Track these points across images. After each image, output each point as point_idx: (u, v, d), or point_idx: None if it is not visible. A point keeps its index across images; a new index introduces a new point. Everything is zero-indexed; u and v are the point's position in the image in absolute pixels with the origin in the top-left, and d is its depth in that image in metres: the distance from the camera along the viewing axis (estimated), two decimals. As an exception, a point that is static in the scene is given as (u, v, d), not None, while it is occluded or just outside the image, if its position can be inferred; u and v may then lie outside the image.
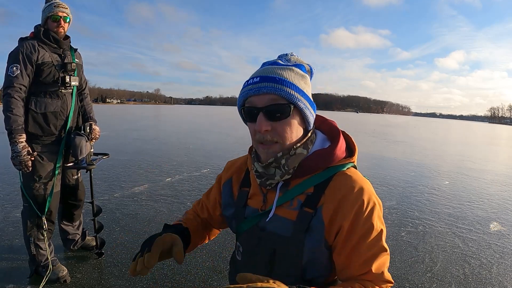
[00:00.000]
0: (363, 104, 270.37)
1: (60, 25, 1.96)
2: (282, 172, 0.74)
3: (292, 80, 0.71)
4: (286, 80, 0.70)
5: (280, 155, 0.73)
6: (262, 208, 0.79)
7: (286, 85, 0.69)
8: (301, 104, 0.71)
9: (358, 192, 0.70)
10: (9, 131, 1.80)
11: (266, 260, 0.76)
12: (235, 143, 9.71)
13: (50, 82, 1.94)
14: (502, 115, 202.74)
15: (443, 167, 7.37)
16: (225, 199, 0.90)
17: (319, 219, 0.71)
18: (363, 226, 0.69)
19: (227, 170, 0.93)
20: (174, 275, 2.21)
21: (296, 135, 0.74)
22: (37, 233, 1.97)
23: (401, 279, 2.31)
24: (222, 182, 0.93)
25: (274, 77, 0.70)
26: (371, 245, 0.69)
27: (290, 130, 0.72)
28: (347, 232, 0.69)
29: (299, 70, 0.75)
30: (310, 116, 0.74)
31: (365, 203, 0.70)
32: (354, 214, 0.69)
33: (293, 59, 0.78)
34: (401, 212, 3.82)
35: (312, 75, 0.80)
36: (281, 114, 0.70)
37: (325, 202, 0.71)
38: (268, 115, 0.70)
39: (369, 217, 0.69)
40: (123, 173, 5.10)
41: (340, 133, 0.81)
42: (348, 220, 0.69)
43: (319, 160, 0.74)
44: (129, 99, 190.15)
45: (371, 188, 0.73)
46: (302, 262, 0.72)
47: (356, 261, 0.69)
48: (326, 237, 0.71)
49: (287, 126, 0.71)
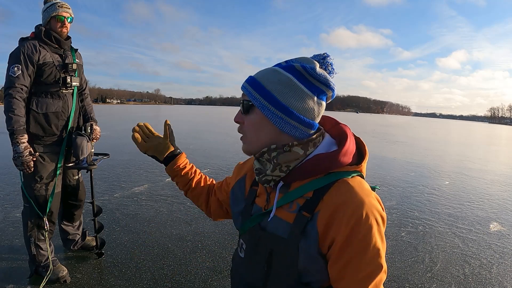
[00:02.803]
0: (363, 104, 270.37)
1: (64, 25, 1.96)
2: (273, 166, 0.74)
3: (261, 80, 0.74)
4: (254, 79, 0.75)
5: (273, 147, 0.74)
6: (265, 207, 0.80)
7: (249, 84, 0.75)
8: (257, 103, 0.73)
9: (356, 205, 0.66)
10: (10, 132, 1.80)
11: (264, 260, 0.76)
12: (235, 143, 9.70)
13: (51, 82, 1.94)
14: (502, 115, 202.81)
15: (443, 167, 7.37)
16: (236, 195, 0.92)
17: (314, 225, 0.70)
18: (359, 242, 0.66)
19: (243, 167, 0.96)
20: (174, 275, 2.21)
21: (264, 133, 0.75)
22: (37, 234, 1.97)
23: (401, 279, 2.31)
24: (237, 176, 0.95)
25: (252, 76, 0.76)
26: (367, 264, 0.66)
27: (252, 125, 0.76)
28: (341, 246, 0.67)
29: (281, 70, 0.73)
30: (275, 117, 0.72)
31: (364, 217, 0.66)
32: (351, 228, 0.66)
33: (296, 60, 0.76)
34: (401, 212, 3.82)
35: (310, 74, 0.73)
36: (244, 109, 0.76)
37: (321, 209, 0.70)
38: (241, 109, 0.77)
39: (367, 233, 0.66)
40: (123, 173, 5.11)
41: (348, 138, 0.77)
42: (343, 233, 0.66)
43: (319, 164, 0.73)
44: (129, 99, 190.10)
45: (374, 201, 0.69)
46: (298, 265, 0.72)
47: (350, 277, 0.67)
48: (319, 245, 0.70)
49: (249, 122, 0.76)
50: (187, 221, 3.23)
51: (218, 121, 23.40)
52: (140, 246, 2.62)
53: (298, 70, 0.73)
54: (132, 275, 2.18)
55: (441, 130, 28.25)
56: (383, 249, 0.68)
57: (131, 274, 2.20)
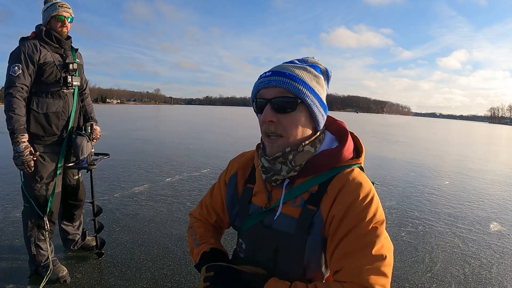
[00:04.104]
0: (363, 104, 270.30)
1: (65, 25, 1.96)
2: (289, 168, 0.75)
3: (303, 77, 0.73)
4: (296, 76, 0.72)
5: (288, 150, 0.74)
6: (267, 205, 0.80)
7: (294, 80, 0.71)
8: (309, 100, 0.72)
9: (354, 187, 0.71)
10: (11, 131, 1.79)
11: (269, 257, 0.76)
12: (235, 143, 9.71)
13: (52, 82, 1.94)
14: (502, 115, 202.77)
15: (443, 167, 7.37)
16: (229, 195, 0.90)
17: (319, 215, 0.72)
18: (356, 216, 0.68)
19: (232, 165, 0.95)
20: (174, 275, 2.21)
21: (302, 131, 0.74)
22: (37, 233, 1.97)
23: (401, 279, 2.31)
24: (226, 177, 0.93)
25: (285, 72, 0.72)
26: (363, 236, 0.67)
27: (295, 124, 0.73)
28: (339, 220, 0.70)
29: (312, 69, 0.76)
30: (319, 115, 0.75)
31: (361, 196, 0.70)
32: (348, 204, 0.69)
33: (310, 60, 0.80)
34: (401, 212, 3.82)
35: (328, 77, 0.80)
36: (287, 107, 0.71)
37: (325, 199, 0.73)
38: (275, 107, 0.72)
39: (363, 209, 0.69)
40: (123, 173, 5.10)
41: (349, 134, 0.82)
42: (341, 209, 0.70)
43: (325, 160, 0.75)
44: (129, 99, 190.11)
45: (372, 188, 0.74)
46: (304, 260, 0.73)
47: (344, 251, 0.68)
48: (323, 233, 0.72)
49: (292, 120, 0.73)
50: (187, 221, 3.21)
51: (218, 121, 23.40)
52: (140, 246, 2.62)
53: (323, 72, 0.79)
54: (132, 275, 2.18)
55: (441, 130, 28.25)
56: (382, 222, 0.70)
57: (131, 274, 2.20)
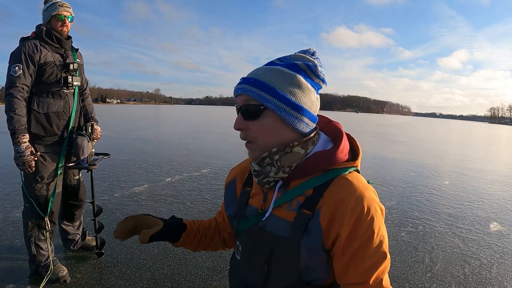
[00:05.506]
0: (363, 104, 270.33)
1: (65, 24, 1.96)
2: (276, 169, 0.74)
3: (269, 82, 0.71)
4: (261, 82, 0.71)
5: (275, 150, 0.73)
6: (262, 207, 0.79)
7: (257, 87, 0.71)
8: (272, 106, 0.70)
9: (357, 199, 0.68)
10: (12, 131, 1.79)
11: (264, 260, 0.76)
12: (235, 143, 9.70)
13: (53, 82, 1.94)
14: (502, 115, 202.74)
15: (443, 167, 7.37)
16: (228, 198, 0.91)
17: (317, 221, 0.70)
18: (363, 234, 0.67)
19: (231, 172, 0.95)
20: (174, 275, 2.22)
21: (277, 135, 0.73)
22: (37, 233, 1.97)
23: (401, 279, 2.31)
24: (226, 183, 0.94)
25: (249, 78, 0.72)
26: (371, 254, 0.67)
27: (264, 130, 0.73)
28: (346, 239, 0.68)
29: (286, 69, 0.73)
30: (291, 118, 0.72)
31: (365, 209, 0.68)
32: (354, 221, 0.67)
33: (292, 57, 0.77)
34: (401, 212, 3.82)
35: (313, 70, 0.74)
36: (252, 115, 0.72)
37: (323, 205, 0.71)
38: (244, 114, 0.73)
39: (370, 224, 0.67)
40: (123, 173, 5.10)
41: (343, 135, 0.79)
42: (347, 227, 0.68)
43: (318, 162, 0.74)
44: (129, 99, 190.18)
45: (372, 194, 0.71)
46: (299, 263, 0.72)
47: (354, 269, 0.68)
48: (323, 240, 0.71)
49: (259, 127, 0.73)
50: (187, 221, 3.22)
51: (218, 121, 23.40)
52: (140, 246, 2.62)
53: (303, 69, 0.75)
54: (132, 275, 2.18)
55: (441, 130, 28.25)
56: (386, 239, 0.70)
57: (131, 274, 2.20)
